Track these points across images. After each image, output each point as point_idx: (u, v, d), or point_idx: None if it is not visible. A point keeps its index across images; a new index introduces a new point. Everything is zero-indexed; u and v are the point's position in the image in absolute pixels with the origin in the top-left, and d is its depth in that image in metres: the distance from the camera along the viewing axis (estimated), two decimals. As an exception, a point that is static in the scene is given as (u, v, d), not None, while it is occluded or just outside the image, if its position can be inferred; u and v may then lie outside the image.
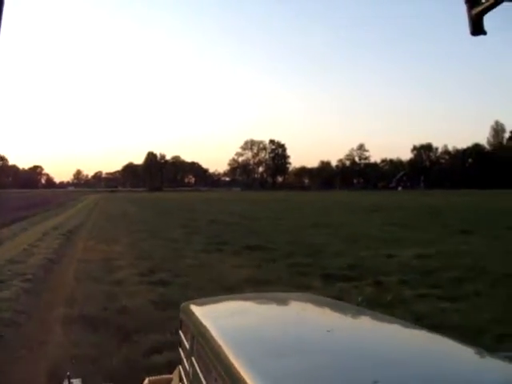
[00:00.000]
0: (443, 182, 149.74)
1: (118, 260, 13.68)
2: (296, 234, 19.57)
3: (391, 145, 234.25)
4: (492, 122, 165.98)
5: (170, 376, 2.66)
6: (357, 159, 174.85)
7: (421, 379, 1.32)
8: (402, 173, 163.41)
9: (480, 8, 1.44)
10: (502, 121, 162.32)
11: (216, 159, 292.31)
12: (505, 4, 1.36)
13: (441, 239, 17.73)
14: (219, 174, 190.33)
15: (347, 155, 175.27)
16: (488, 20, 1.48)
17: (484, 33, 1.46)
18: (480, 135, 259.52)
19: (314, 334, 1.74)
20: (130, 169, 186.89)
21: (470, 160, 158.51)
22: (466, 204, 44.21)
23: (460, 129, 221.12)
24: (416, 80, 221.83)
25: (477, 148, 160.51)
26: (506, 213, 29.70)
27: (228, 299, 2.76)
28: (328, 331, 1.70)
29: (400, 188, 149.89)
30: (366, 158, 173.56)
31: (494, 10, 1.35)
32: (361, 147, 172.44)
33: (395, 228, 22.04)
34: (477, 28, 1.46)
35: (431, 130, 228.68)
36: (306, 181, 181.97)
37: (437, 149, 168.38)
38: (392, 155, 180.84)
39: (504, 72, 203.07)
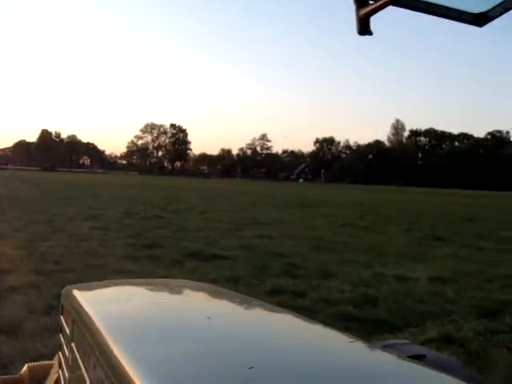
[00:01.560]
0: (343, 176, 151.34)
1: (7, 275, 8.89)
2: (242, 236, 15.37)
3: (294, 136, 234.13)
4: (393, 120, 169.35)
5: (51, 362, 2.40)
6: (258, 149, 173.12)
7: (294, 365, 1.30)
8: (303, 165, 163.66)
9: (368, 9, 1.37)
10: (402, 119, 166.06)
11: (114, 141, 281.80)
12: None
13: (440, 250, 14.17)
14: (116, 157, 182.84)
15: (249, 144, 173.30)
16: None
17: (370, 33, 1.38)
18: (381, 132, 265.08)
19: (194, 320, 1.72)
20: (22, 146, 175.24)
21: (370, 156, 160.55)
22: (398, 202, 41.58)
23: (362, 125, 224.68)
24: (321, 74, 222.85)
25: (378, 144, 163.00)
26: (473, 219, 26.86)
27: (111, 284, 2.58)
28: (208, 317, 1.65)
29: (301, 180, 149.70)
30: (268, 148, 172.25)
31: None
32: (263, 137, 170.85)
33: (354, 231, 18.39)
34: (364, 28, 1.38)
35: (334, 124, 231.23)
36: (205, 168, 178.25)
37: (339, 143, 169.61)
38: (295, 147, 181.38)
39: (406, 72, 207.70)
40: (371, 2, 1.39)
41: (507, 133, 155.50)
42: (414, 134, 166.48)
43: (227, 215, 21.86)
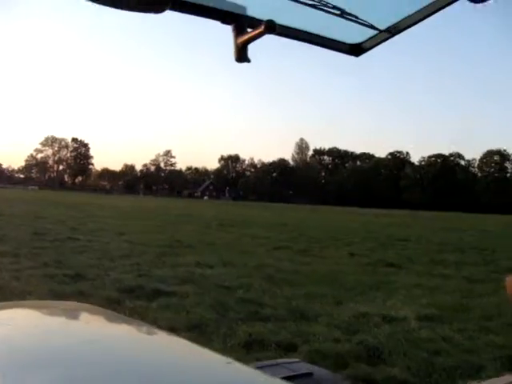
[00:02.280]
0: (248, 194, 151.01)
1: None
2: (177, 264, 13.39)
3: (199, 153, 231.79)
4: (297, 139, 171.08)
5: None
6: (162, 165, 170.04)
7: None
8: (208, 182, 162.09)
9: (245, 37, 1.53)
10: (306, 139, 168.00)
11: (12, 155, 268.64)
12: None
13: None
14: (13, 171, 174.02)
15: (153, 160, 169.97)
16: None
17: (248, 60, 1.55)
18: (286, 151, 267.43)
19: (68, 344, 1.63)
20: None
21: (274, 174, 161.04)
22: (318, 221, 40.46)
23: (267, 143, 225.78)
24: (226, 92, 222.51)
25: (282, 163, 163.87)
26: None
27: None
28: (87, 341, 1.63)
29: (206, 197, 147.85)
30: (172, 165, 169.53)
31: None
32: (167, 153, 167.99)
33: (294, 255, 16.78)
34: (241, 56, 1.54)
35: (240, 142, 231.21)
36: (106, 183, 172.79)
37: (244, 161, 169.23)
38: (199, 164, 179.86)
39: (310, 92, 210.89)
40: (249, 31, 1.55)
41: (407, 153, 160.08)
42: (318, 152, 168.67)
43: (149, 237, 19.68)
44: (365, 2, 1.77)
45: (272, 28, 1.46)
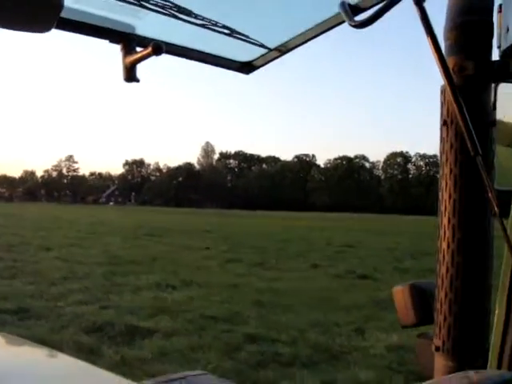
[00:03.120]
0: (153, 199, 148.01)
1: None
2: (136, 288, 11.26)
3: (102, 158, 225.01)
4: (203, 143, 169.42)
5: None
6: (65, 171, 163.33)
7: None
8: (113, 187, 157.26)
9: (134, 57, 1.54)
10: (212, 142, 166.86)
11: None
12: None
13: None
14: None
15: (54, 166, 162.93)
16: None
17: (137, 80, 1.55)
18: (192, 155, 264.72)
19: None
20: None
21: (180, 178, 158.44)
22: (240, 227, 38.59)
23: (173, 147, 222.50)
24: (129, 95, 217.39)
25: (188, 167, 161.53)
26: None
27: None
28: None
29: (111, 203, 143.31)
30: (75, 170, 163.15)
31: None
32: (70, 158, 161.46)
33: (251, 269, 14.93)
34: (130, 75, 1.54)
35: (144, 146, 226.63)
36: (5, 191, 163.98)
37: (149, 165, 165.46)
38: (103, 169, 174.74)
39: (214, 95, 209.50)
40: (139, 50, 1.55)
41: (313, 156, 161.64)
42: (224, 156, 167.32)
43: (79, 252, 17.29)
44: (255, 21, 1.79)
45: (159, 50, 1.47)
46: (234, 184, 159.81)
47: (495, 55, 1.33)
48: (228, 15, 1.68)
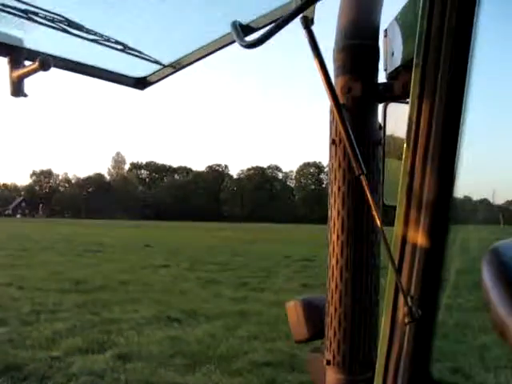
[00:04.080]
0: (63, 210, 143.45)
1: None
2: (105, 331, 9.10)
3: (8, 169, 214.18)
4: (114, 154, 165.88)
5: None
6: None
7: None
8: (20, 198, 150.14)
9: (21, 71, 1.49)
10: (123, 153, 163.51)
11: None
12: None
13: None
14: None
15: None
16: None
17: (25, 95, 1.51)
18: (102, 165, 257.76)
19: None
20: None
21: (90, 189, 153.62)
22: (177, 240, 36.22)
23: (82, 158, 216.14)
24: (35, 103, 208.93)
25: (98, 177, 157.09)
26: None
27: None
28: None
29: (19, 215, 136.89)
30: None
31: None
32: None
33: (237, 291, 12.96)
34: (17, 90, 1.49)
35: (52, 156, 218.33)
36: None
37: (58, 176, 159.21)
38: (8, 180, 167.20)
39: (125, 106, 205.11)
40: (27, 64, 1.50)
41: (226, 166, 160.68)
42: (135, 166, 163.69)
43: (26, 274, 14.77)
44: (149, 37, 1.78)
45: (47, 64, 1.43)
46: (147, 195, 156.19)
47: (383, 77, 1.41)
48: (122, 31, 1.64)
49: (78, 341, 7.54)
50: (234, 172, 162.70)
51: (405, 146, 1.27)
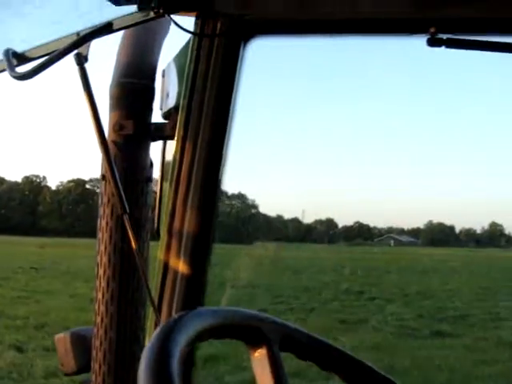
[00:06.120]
0: None
1: None
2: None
3: None
4: None
5: None
6: None
7: None
8: None
9: None
10: None
11: None
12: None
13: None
14: None
15: None
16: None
17: None
18: None
19: None
20: None
21: None
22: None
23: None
24: None
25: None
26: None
27: None
28: None
29: None
30: None
31: None
32: None
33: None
34: None
35: None
36: None
37: None
38: None
39: None
40: None
41: (44, 178, 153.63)
42: None
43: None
44: None
45: None
46: None
47: (159, 117, 1.44)
48: None
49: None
50: (53, 184, 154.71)
51: (168, 184, 1.38)
